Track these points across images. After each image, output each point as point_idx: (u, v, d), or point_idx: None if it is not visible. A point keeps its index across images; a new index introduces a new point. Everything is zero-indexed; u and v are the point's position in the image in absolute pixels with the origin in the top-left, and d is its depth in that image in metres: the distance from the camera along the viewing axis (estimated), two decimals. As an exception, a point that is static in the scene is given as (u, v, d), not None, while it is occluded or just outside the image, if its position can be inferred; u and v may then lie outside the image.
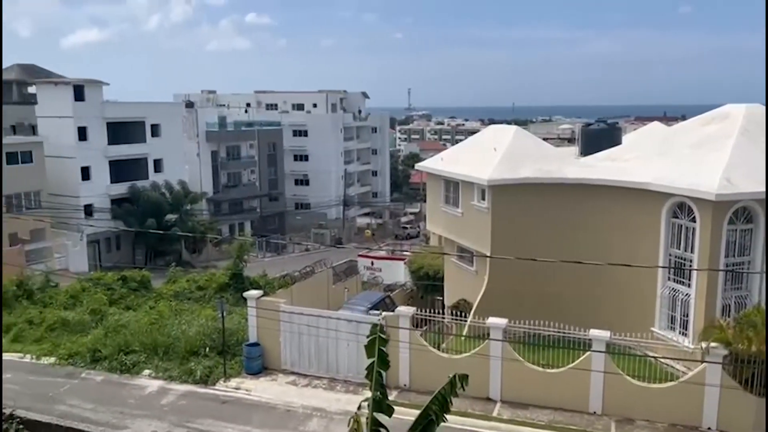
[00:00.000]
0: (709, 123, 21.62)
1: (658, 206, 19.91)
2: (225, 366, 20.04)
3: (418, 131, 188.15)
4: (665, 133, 24.70)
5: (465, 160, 25.05)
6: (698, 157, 19.96)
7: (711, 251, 18.49)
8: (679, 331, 19.65)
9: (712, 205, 18.18)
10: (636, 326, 18.70)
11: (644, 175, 20.49)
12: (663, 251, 20.00)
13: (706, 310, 18.51)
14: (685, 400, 16.29)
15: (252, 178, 72.04)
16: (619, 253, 20.07)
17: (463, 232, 24.79)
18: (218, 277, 30.07)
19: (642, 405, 16.72)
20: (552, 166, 22.58)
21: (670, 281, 20.06)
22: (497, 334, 17.86)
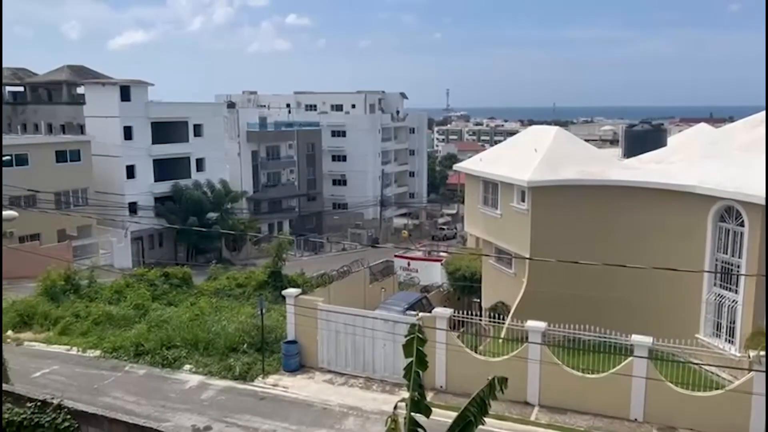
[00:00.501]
0: (758, 125, 20.93)
1: (704, 210, 19.38)
2: (263, 363, 20.30)
3: (456, 132, 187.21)
4: (712, 135, 24.02)
5: (504, 161, 24.83)
6: (747, 160, 19.34)
7: (760, 256, 17.90)
8: (725, 338, 19.09)
9: (762, 209, 17.59)
10: (679, 332, 18.20)
11: (690, 177, 19.98)
12: (709, 256, 19.46)
13: (754, 317, 17.94)
14: (731, 409, 15.79)
15: (291, 178, 72.84)
16: (663, 257, 19.62)
17: (501, 234, 24.57)
18: (257, 275, 30.49)
19: (685, 413, 16.29)
20: (594, 167, 22.19)
21: (716, 287, 19.50)
22: (536, 338, 17.65)
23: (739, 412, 15.73)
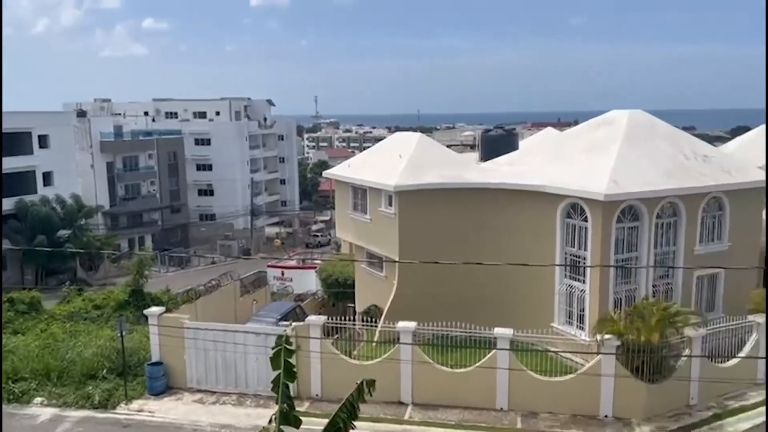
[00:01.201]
0: (596, 128, 23.04)
1: (553, 207, 20.94)
2: (126, 388, 19.03)
3: (326, 139, 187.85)
4: (558, 138, 26.09)
5: (372, 166, 25.26)
6: (588, 160, 21.19)
7: (602, 248, 19.66)
8: (576, 325, 20.72)
9: (601, 205, 19.34)
10: (538, 323, 19.52)
11: (540, 178, 21.50)
12: (559, 250, 21.03)
13: (599, 304, 19.63)
14: (584, 390, 17.19)
15: (152, 190, 69.09)
16: (521, 253, 20.91)
17: (372, 238, 24.95)
18: (117, 294, 28.52)
19: (545, 398, 17.48)
20: (454, 171, 23.21)
21: (567, 278, 21.13)
22: (407, 338, 18.10)
23: (591, 392, 17.18)
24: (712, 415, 17.13)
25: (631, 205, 20.06)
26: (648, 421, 16.71)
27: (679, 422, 16.74)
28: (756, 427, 16.59)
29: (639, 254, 20.49)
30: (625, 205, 19.88)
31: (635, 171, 20.24)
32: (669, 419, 16.90)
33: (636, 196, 19.75)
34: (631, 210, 20.18)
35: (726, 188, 21.44)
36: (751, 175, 22.68)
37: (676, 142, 22.52)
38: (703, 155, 22.45)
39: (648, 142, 21.72)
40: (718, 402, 17.81)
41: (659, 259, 20.97)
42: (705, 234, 21.66)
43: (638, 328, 16.87)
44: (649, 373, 16.93)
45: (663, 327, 16.84)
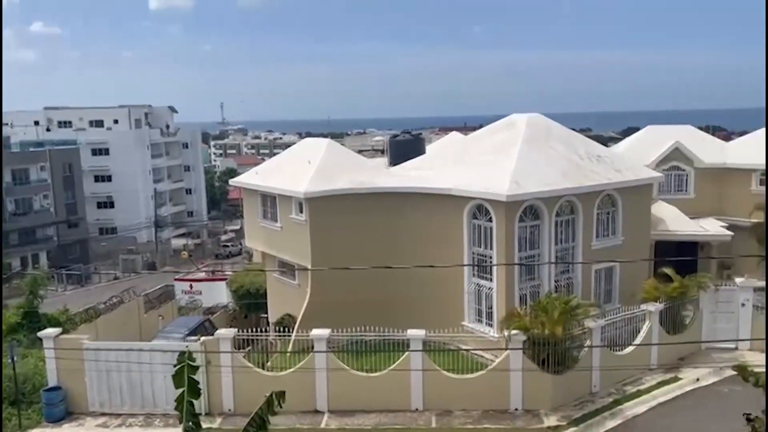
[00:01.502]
0: (497, 132, 23.92)
1: (460, 209, 21.51)
2: (20, 417, 17.68)
3: (234, 146, 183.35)
4: (462, 142, 26.84)
5: (280, 173, 24.95)
6: (491, 163, 21.95)
7: (507, 247, 20.39)
8: (485, 322, 21.36)
9: (504, 205, 20.08)
10: (450, 322, 19.97)
11: (446, 181, 22.03)
12: (467, 250, 21.62)
13: (506, 301, 20.34)
14: (494, 386, 17.72)
15: (45, 204, 64.77)
16: (431, 254, 21.32)
17: (283, 247, 24.61)
18: (8, 317, 26.45)
19: (458, 396, 17.86)
20: (364, 176, 23.35)
21: (475, 278, 21.74)
22: (321, 346, 17.96)
23: (501, 387, 17.73)
24: (613, 401, 18.13)
25: (532, 205, 20.95)
26: (555, 411, 17.46)
27: (584, 410, 17.60)
28: (652, 409, 17.73)
29: (541, 251, 21.41)
30: (527, 204, 20.74)
31: (535, 172, 21.17)
32: (574, 408, 17.73)
33: (536, 196, 20.64)
34: (533, 209, 21.08)
35: (617, 186, 22.84)
36: (639, 172, 24.33)
37: (571, 143, 23.76)
38: (596, 155, 23.83)
39: (545, 144, 22.79)
40: (617, 388, 18.89)
41: (560, 255, 22.01)
42: (600, 230, 22.97)
43: (543, 322, 17.61)
44: (555, 364, 17.69)
45: (565, 320, 17.66)
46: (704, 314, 21.52)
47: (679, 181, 29.57)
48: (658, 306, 20.31)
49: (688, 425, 16.42)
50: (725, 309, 21.66)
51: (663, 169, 28.63)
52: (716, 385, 18.80)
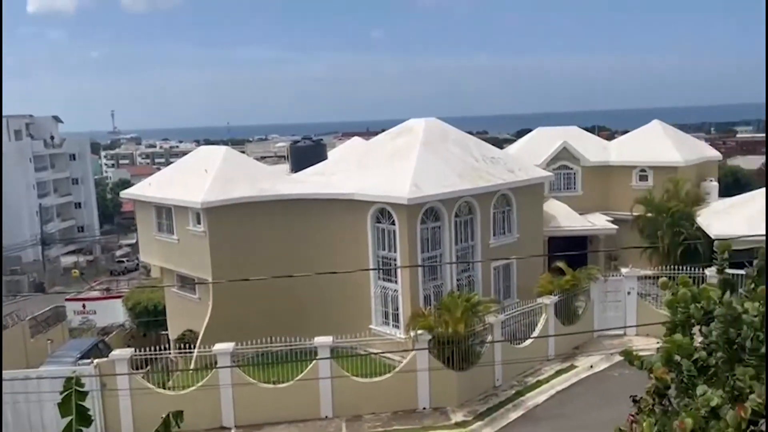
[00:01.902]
0: (396, 137, 24.30)
1: (363, 214, 21.63)
2: None
3: (127, 156, 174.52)
4: (363, 147, 27.01)
5: (176, 184, 23.99)
6: (391, 167, 22.24)
7: (410, 249, 20.72)
8: (392, 324, 21.58)
9: (405, 208, 20.40)
10: (358, 326, 20.02)
11: (349, 186, 22.09)
12: (372, 254, 21.77)
13: (411, 302, 20.65)
14: (402, 386, 17.94)
15: None
16: (337, 260, 21.27)
17: (181, 260, 23.67)
18: None
19: (367, 400, 17.92)
20: (265, 184, 22.94)
21: (381, 281, 21.93)
22: (224, 360, 17.44)
23: (409, 387, 17.97)
24: (515, 392, 18.87)
25: (432, 207, 21.42)
26: (461, 407, 17.92)
27: (488, 404, 18.18)
28: (551, 398, 18.60)
29: (443, 251, 21.94)
30: (427, 207, 21.19)
31: (434, 175, 21.67)
32: (479, 402, 18.28)
33: (436, 198, 21.13)
34: (433, 211, 21.56)
35: (512, 186, 23.83)
36: (531, 172, 25.51)
37: (467, 146, 24.54)
38: (491, 157, 24.75)
39: (443, 148, 23.40)
40: (519, 380, 19.67)
41: (460, 255, 22.65)
42: (497, 228, 23.87)
43: (446, 321, 18.03)
44: (459, 361, 18.16)
45: (467, 317, 18.18)
46: (595, 304, 22.87)
47: (568, 179, 31.34)
48: (552, 299, 21.36)
49: (584, 410, 17.33)
50: (613, 298, 23.13)
51: (553, 168, 30.22)
52: (608, 371, 19.99)
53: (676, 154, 30.13)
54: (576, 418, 16.98)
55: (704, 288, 11.06)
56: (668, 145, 30.79)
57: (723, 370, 10.59)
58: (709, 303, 10.71)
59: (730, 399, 10.23)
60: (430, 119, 24.89)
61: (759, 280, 10.75)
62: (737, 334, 10.44)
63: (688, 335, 11.37)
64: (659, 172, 29.81)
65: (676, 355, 10.89)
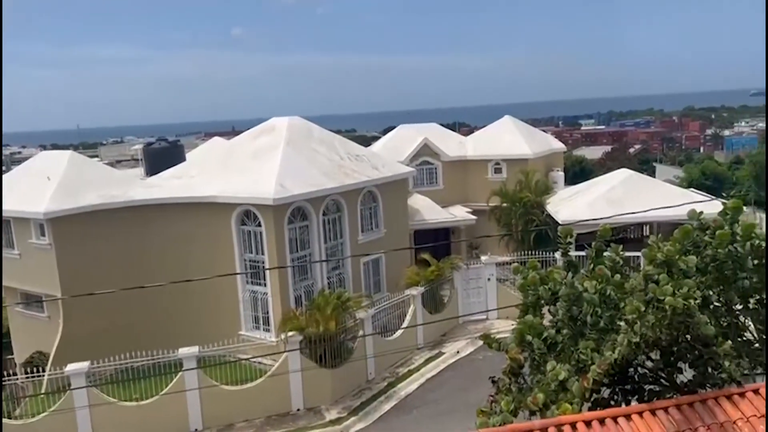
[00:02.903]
0: (259, 135, 23.81)
1: (227, 217, 20.97)
2: None
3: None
4: (225, 147, 26.20)
5: (13, 193, 21.77)
6: (255, 167, 21.77)
7: (278, 250, 20.41)
8: (263, 328, 21.17)
9: (272, 209, 20.07)
10: (228, 333, 19.38)
11: (210, 189, 21.32)
12: (238, 258, 21.18)
13: (282, 304, 20.37)
14: (275, 390, 17.67)
15: None
16: (201, 265, 20.45)
17: (24, 276, 21.55)
18: None
19: (239, 407, 17.45)
20: (117, 190, 21.51)
21: (249, 284, 21.42)
22: (79, 381, 16.17)
23: (282, 390, 17.74)
24: (387, 384, 19.28)
25: (299, 206, 21.26)
26: (335, 404, 17.99)
27: (362, 398, 18.42)
28: (421, 386, 19.21)
29: (312, 251, 21.87)
30: (294, 206, 20.99)
31: (299, 174, 21.51)
32: (353, 398, 18.47)
33: (302, 197, 20.99)
34: (300, 211, 21.41)
35: (376, 182, 24.28)
36: (395, 169, 26.15)
37: (331, 144, 24.64)
38: (356, 155, 25.04)
39: (307, 146, 23.31)
40: (391, 371, 20.13)
41: (330, 253, 22.71)
42: (365, 224, 24.22)
43: (317, 320, 17.99)
44: (332, 359, 18.22)
45: (338, 314, 18.27)
46: (459, 291, 23.95)
47: (430, 174, 32.51)
48: (419, 289, 22.07)
49: (452, 394, 18.10)
50: (475, 285, 24.36)
51: (415, 164, 31.23)
52: (473, 354, 21.05)
53: (525, 147, 32.28)
54: (445, 402, 17.69)
55: (551, 270, 11.91)
56: (519, 139, 32.91)
57: (568, 346, 11.45)
58: (555, 284, 11.55)
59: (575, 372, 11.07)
60: (293, 118, 24.68)
61: (597, 260, 11.72)
62: (579, 311, 11.33)
63: (539, 315, 12.18)
64: (512, 165, 31.80)
65: (528, 335, 11.63)
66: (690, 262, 10.25)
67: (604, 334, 10.32)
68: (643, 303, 9.38)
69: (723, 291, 10.90)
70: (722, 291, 10.91)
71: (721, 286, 10.82)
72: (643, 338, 9.42)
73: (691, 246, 10.72)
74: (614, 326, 10.09)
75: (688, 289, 9.27)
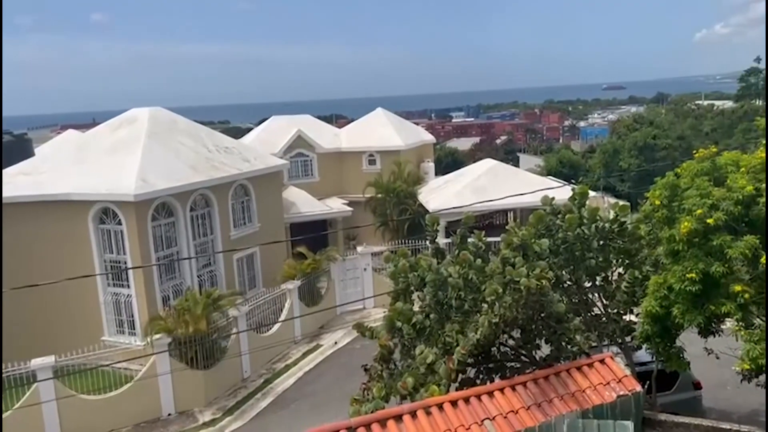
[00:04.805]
0: (118, 128, 22.33)
1: (83, 215, 19.49)
2: None
3: None
4: (80, 140, 24.32)
5: None
6: (114, 161, 20.39)
7: (141, 249, 19.29)
8: (128, 332, 19.95)
9: (133, 206, 18.90)
10: (89, 339, 18.05)
11: (63, 185, 19.70)
12: (98, 258, 19.77)
13: (148, 305, 19.29)
14: (143, 396, 16.71)
15: None
16: (54, 268, 18.77)
17: None
18: None
19: (103, 417, 16.30)
20: (-49, 188, 19.25)
21: (111, 286, 20.08)
22: None
23: (151, 396, 16.81)
24: (264, 381, 18.87)
25: (164, 202, 20.21)
26: (209, 406, 17.35)
27: (237, 397, 17.90)
28: (299, 380, 19.03)
29: (179, 248, 20.91)
30: (158, 202, 19.93)
31: (163, 168, 20.44)
32: (228, 397, 17.91)
33: (167, 193, 19.97)
34: (165, 206, 20.36)
35: (248, 175, 23.66)
36: (268, 161, 25.63)
37: (198, 136, 23.65)
38: (225, 147, 24.23)
39: (172, 139, 22.21)
40: (268, 368, 19.74)
41: (200, 249, 21.85)
42: (237, 219, 23.54)
43: (186, 321, 17.22)
44: (204, 360, 17.54)
45: (208, 313, 17.60)
46: (336, 283, 23.99)
47: (305, 166, 32.26)
48: (296, 283, 21.83)
49: (330, 386, 18.11)
50: (352, 275, 24.52)
51: (290, 156, 30.83)
52: (351, 344, 21.17)
53: (398, 139, 32.95)
54: (323, 394, 17.67)
55: (419, 258, 12.17)
56: (391, 131, 33.53)
57: (436, 330, 11.81)
58: (423, 271, 11.85)
59: (443, 354, 11.43)
60: (155, 108, 23.39)
61: (461, 246, 12.13)
62: (445, 295, 11.70)
63: (409, 302, 12.43)
64: (385, 156, 32.33)
65: (398, 321, 11.84)
66: (543, 245, 10.96)
67: (468, 316, 10.79)
68: (502, 285, 9.89)
69: (573, 271, 11.78)
70: (572, 271, 11.79)
71: (571, 266, 11.70)
72: (502, 318, 9.94)
73: (544, 230, 11.46)
74: (477, 308, 10.57)
75: (541, 270, 9.90)
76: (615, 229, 11.47)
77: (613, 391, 9.50)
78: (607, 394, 9.50)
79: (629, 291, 11.53)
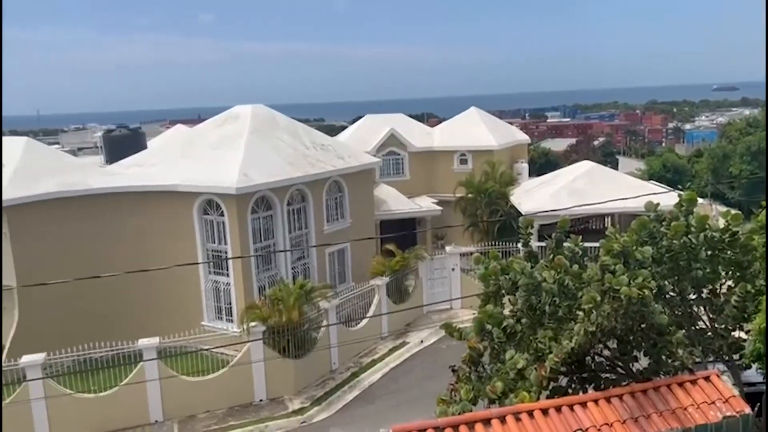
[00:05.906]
0: (223, 124, 23.45)
1: (189, 206, 20.63)
2: None
3: None
4: (187, 135, 25.74)
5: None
6: (218, 156, 21.44)
7: (241, 240, 20.18)
8: (225, 319, 20.95)
9: (234, 198, 19.81)
10: (189, 323, 19.14)
11: (172, 177, 20.93)
12: (200, 247, 20.87)
13: (245, 294, 20.18)
14: (237, 381, 17.52)
15: None
16: (161, 255, 20.06)
17: (-22, 266, 20.88)
18: None
19: (201, 398, 17.26)
20: (74, 177, 20.95)
21: (212, 275, 21.14)
22: (34, 373, 15.77)
23: (244, 381, 17.60)
24: (351, 374, 19.28)
25: (263, 196, 21.03)
26: (299, 395, 17.93)
27: (325, 388, 18.39)
28: (385, 375, 19.28)
29: (276, 241, 21.68)
30: (258, 196, 20.76)
31: (263, 163, 21.27)
32: (316, 387, 18.43)
33: (266, 187, 20.76)
34: (264, 200, 21.18)
35: (342, 172, 24.16)
36: (361, 159, 26.06)
37: (296, 133, 24.41)
38: (321, 144, 24.86)
39: (272, 135, 23.05)
40: (355, 361, 20.13)
41: (294, 243, 22.56)
42: (331, 214, 24.11)
43: (280, 311, 17.86)
44: (295, 349, 18.13)
45: (301, 305, 18.17)
46: (423, 281, 24.06)
47: (396, 164, 32.51)
48: (384, 279, 22.09)
49: (415, 383, 18.21)
50: (440, 275, 24.50)
51: (382, 155, 31.19)
52: (437, 344, 21.18)
53: (491, 139, 32.51)
54: (408, 392, 17.79)
55: (512, 260, 11.97)
56: (484, 131, 33.12)
57: (527, 335, 11.56)
58: (515, 274, 11.63)
59: (534, 360, 11.18)
60: (257, 106, 24.37)
61: (556, 250, 11.82)
62: (538, 300, 11.43)
63: (499, 305, 12.24)
64: (477, 156, 32.00)
65: (488, 324, 11.70)
66: (646, 253, 10.46)
67: (562, 323, 10.49)
68: (600, 293, 9.53)
69: (677, 281, 11.16)
70: (676, 281, 11.17)
71: (675, 277, 11.09)
72: (599, 327, 9.58)
73: (647, 237, 10.94)
74: (572, 316, 10.25)
75: (643, 279, 9.45)
76: (726, 239, 10.76)
77: (718, 411, 8.93)
78: (711, 414, 8.94)
79: (739, 305, 10.79)
